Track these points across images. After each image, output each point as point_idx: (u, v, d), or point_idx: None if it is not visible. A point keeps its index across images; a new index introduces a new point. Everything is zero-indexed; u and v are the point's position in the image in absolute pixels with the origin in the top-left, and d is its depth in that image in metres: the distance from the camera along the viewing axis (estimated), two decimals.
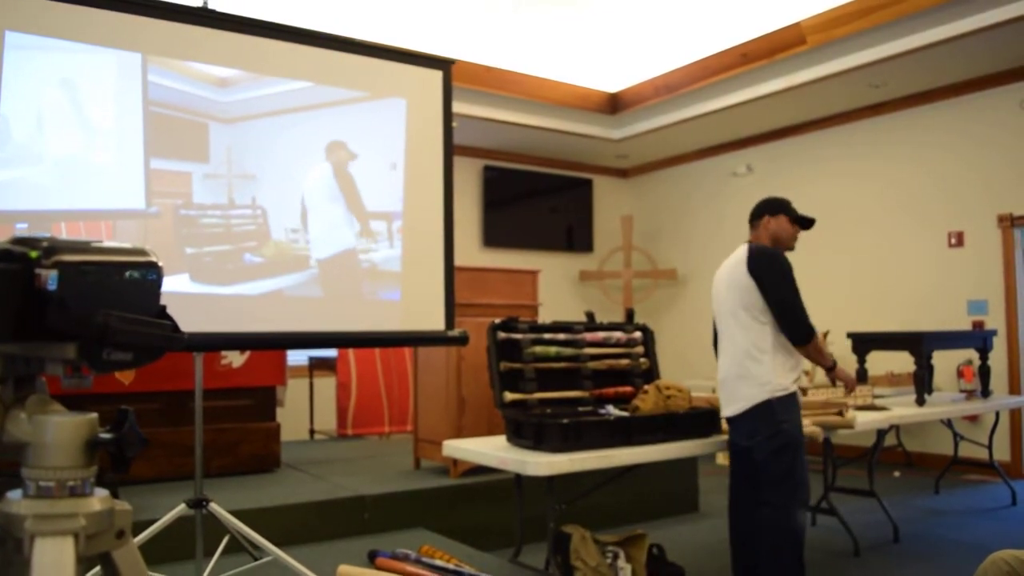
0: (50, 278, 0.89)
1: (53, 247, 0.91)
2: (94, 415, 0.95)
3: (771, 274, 3.30)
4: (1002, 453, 6.19)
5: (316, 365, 6.97)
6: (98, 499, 0.95)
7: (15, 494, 0.98)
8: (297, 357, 6.88)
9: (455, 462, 4.47)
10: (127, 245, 0.98)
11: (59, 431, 0.93)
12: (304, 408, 6.90)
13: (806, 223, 3.52)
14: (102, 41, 2.92)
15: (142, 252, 0.97)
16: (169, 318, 0.96)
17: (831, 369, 3.44)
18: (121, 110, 2.99)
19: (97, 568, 1.03)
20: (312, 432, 6.97)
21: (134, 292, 0.95)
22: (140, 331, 0.90)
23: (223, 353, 4.67)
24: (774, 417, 3.23)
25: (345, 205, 3.39)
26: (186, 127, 3.11)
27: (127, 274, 0.94)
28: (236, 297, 3.16)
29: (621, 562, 3.45)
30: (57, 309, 0.89)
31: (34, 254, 0.90)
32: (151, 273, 0.96)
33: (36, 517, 0.94)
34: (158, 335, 0.93)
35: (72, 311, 0.88)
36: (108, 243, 0.96)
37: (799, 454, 3.26)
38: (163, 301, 1.00)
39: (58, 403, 0.95)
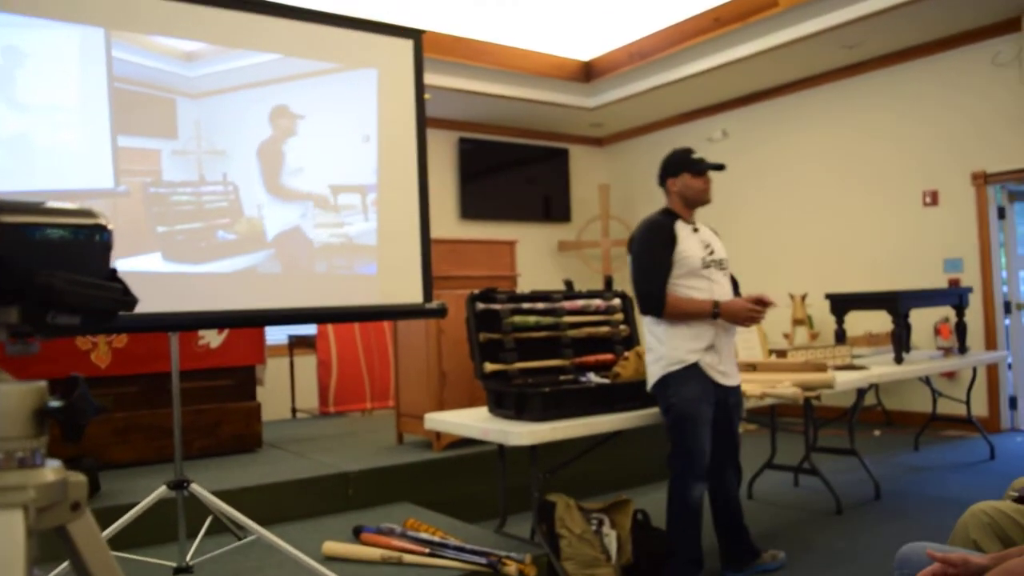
0: None
1: None
2: (43, 383, 0.91)
3: (633, 252, 3.30)
4: (980, 408, 6.26)
5: (296, 343, 6.93)
6: (51, 470, 0.91)
7: None
8: (276, 335, 6.83)
9: (438, 435, 4.46)
10: (74, 206, 0.93)
11: (5, 400, 0.88)
12: (285, 387, 6.87)
13: (713, 167, 3.37)
14: (62, 16, 2.84)
15: (90, 213, 0.93)
16: (120, 281, 0.92)
17: (717, 316, 3.18)
18: (85, 87, 2.91)
19: (66, 564, 1.00)
20: (294, 411, 6.94)
21: (82, 254, 0.90)
22: (88, 293, 0.86)
23: (200, 333, 4.61)
24: (666, 392, 3.22)
25: (316, 178, 3.33)
26: (153, 103, 3.03)
27: (74, 235, 0.90)
28: (210, 275, 3.10)
29: (606, 529, 3.45)
30: None
31: None
32: (100, 234, 0.92)
33: None
34: (106, 297, 0.88)
35: (14, 273, 0.84)
36: (55, 204, 0.92)
37: (693, 429, 3.16)
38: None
39: (4, 372, 0.91)
